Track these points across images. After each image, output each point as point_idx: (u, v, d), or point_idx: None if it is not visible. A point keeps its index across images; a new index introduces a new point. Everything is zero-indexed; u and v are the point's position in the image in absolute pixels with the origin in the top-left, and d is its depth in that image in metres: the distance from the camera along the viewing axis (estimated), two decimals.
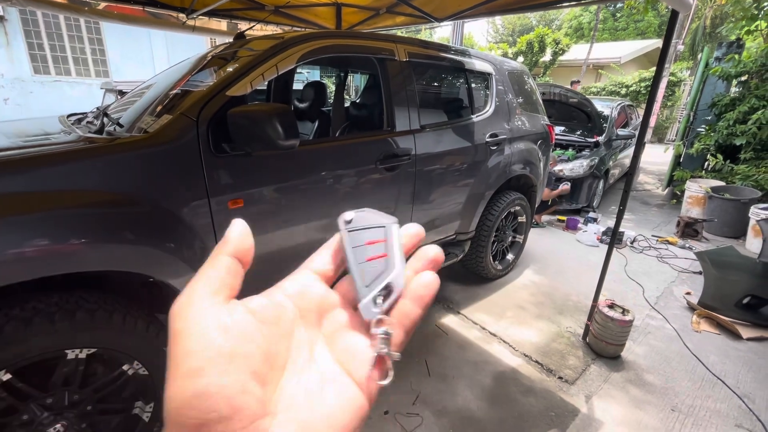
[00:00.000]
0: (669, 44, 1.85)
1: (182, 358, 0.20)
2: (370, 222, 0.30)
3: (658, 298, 3.09)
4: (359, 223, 0.30)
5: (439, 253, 0.29)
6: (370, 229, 0.29)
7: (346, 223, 0.30)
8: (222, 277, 0.24)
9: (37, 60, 7.54)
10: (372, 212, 0.31)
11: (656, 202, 6.01)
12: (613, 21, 24.35)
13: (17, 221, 1.10)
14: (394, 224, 0.30)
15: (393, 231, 0.29)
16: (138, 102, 1.89)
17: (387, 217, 0.30)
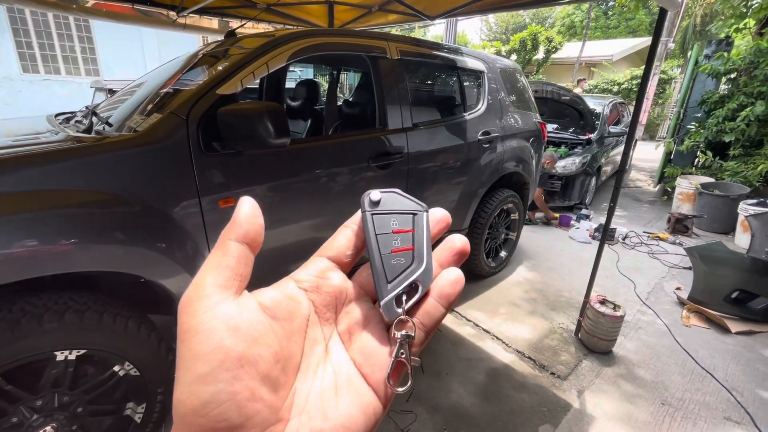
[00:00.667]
0: (658, 42, 1.87)
1: (191, 360, 0.19)
2: (398, 206, 0.27)
3: (649, 293, 3.12)
4: (387, 206, 0.27)
5: (466, 243, 0.27)
6: (398, 214, 0.26)
7: (371, 204, 0.26)
8: (232, 267, 0.22)
9: (26, 59, 7.43)
10: (401, 195, 0.27)
11: (648, 199, 6.07)
12: (605, 19, 24.53)
13: (5, 221, 1.09)
14: (425, 212, 0.27)
15: (423, 221, 0.27)
16: (128, 101, 1.87)
17: (416, 202, 0.27)
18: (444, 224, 0.28)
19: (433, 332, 0.26)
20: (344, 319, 0.25)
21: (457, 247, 0.27)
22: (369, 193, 0.27)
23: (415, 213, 0.27)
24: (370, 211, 0.26)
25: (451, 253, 0.27)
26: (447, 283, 0.25)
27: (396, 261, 0.25)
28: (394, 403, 1.89)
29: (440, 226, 0.28)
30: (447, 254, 0.27)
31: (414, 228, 0.26)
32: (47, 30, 7.49)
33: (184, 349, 0.20)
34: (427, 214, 0.27)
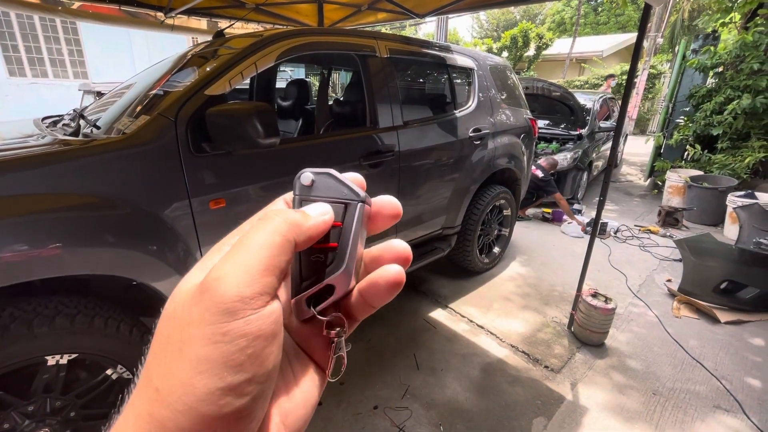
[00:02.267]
0: (642, 37, 1.89)
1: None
2: (331, 193, 0.24)
3: (640, 286, 3.16)
4: (318, 191, 0.24)
5: (406, 250, 0.26)
6: (329, 203, 0.24)
7: (302, 188, 0.24)
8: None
9: (12, 62, 7.33)
10: (336, 178, 0.24)
11: (639, 193, 6.13)
12: (595, 15, 24.71)
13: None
14: (360, 203, 0.24)
15: (355, 213, 0.24)
16: (116, 103, 1.86)
17: (352, 189, 0.24)
18: (391, 213, 0.26)
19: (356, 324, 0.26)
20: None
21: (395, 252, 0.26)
22: (301, 173, 0.24)
23: (348, 203, 0.24)
24: (299, 196, 0.24)
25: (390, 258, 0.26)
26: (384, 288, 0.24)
27: (315, 257, 0.23)
28: (390, 399, 1.91)
29: (386, 213, 0.26)
30: (387, 257, 0.26)
31: (342, 221, 0.24)
32: (33, 33, 7.39)
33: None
34: (362, 206, 0.24)
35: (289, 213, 0.22)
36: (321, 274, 0.23)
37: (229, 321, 0.18)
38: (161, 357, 0.19)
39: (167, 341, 0.19)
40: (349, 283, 0.23)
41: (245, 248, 0.20)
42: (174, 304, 0.20)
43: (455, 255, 3.01)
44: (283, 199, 0.26)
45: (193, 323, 0.18)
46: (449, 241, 2.82)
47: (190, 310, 0.18)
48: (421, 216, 2.48)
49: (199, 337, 0.18)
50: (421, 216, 2.48)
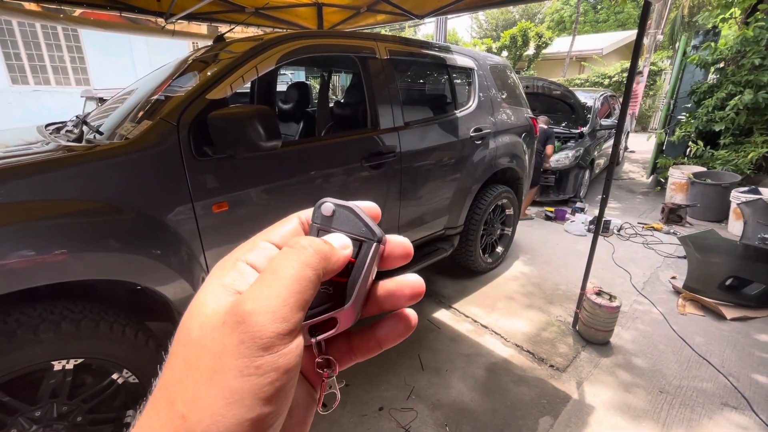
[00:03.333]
0: (642, 34, 1.89)
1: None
2: (349, 227, 0.24)
3: (644, 283, 3.15)
4: (337, 223, 0.24)
5: (419, 289, 0.26)
6: (345, 237, 0.24)
7: (322, 218, 0.25)
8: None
9: (15, 70, 7.39)
10: (357, 214, 0.25)
11: (641, 190, 6.11)
12: (594, 13, 24.69)
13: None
14: (375, 243, 0.24)
15: (370, 252, 0.24)
16: (118, 109, 1.87)
17: (371, 228, 0.24)
18: (402, 255, 0.26)
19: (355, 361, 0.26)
20: None
21: (408, 290, 0.25)
22: (323, 202, 0.25)
23: (364, 240, 0.24)
24: (318, 225, 0.25)
25: (403, 297, 0.25)
26: (391, 332, 0.25)
27: (324, 288, 0.23)
28: (395, 401, 1.90)
29: (397, 254, 0.26)
30: (399, 291, 0.25)
31: (356, 258, 0.24)
32: (35, 41, 7.45)
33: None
34: (377, 246, 0.24)
35: (318, 244, 0.22)
36: (327, 306, 0.23)
37: (263, 355, 0.18)
38: (187, 382, 0.18)
39: (194, 367, 0.19)
40: (352, 320, 0.24)
41: (279, 280, 0.20)
42: (200, 329, 0.20)
43: (458, 255, 3.01)
44: (298, 217, 0.26)
45: (227, 354, 0.18)
46: (452, 242, 2.82)
47: (223, 339, 0.18)
48: (423, 216, 2.48)
49: (232, 368, 0.18)
50: (423, 216, 2.48)
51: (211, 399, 0.18)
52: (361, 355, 0.26)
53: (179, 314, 1.46)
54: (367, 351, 0.26)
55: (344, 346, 0.26)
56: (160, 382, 0.20)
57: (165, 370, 0.20)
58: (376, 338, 0.26)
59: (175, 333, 0.21)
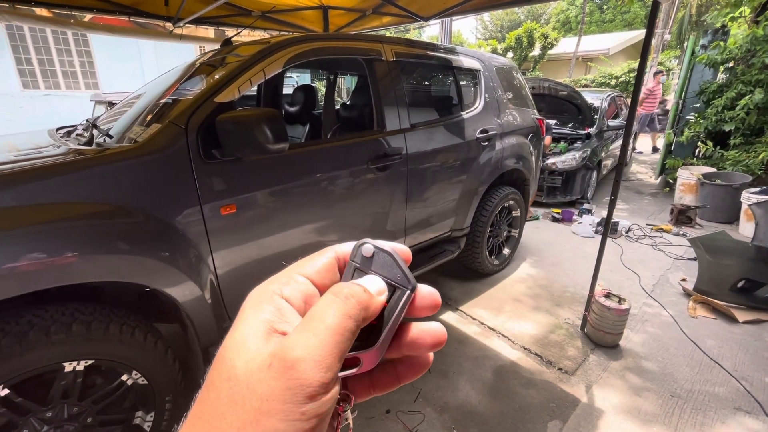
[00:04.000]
0: (651, 34, 1.88)
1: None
2: (385, 272, 0.25)
3: (654, 285, 3.11)
4: (375, 266, 0.25)
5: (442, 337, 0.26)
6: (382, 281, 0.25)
7: (362, 258, 0.25)
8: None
9: (26, 75, 7.52)
10: (395, 260, 0.25)
11: (650, 191, 6.05)
12: (600, 13, 24.56)
13: (10, 236, 1.11)
14: (408, 291, 0.25)
15: (402, 299, 0.25)
16: (127, 112, 1.89)
17: (407, 276, 0.25)
18: (431, 305, 0.26)
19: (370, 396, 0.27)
20: None
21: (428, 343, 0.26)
22: (364, 243, 0.26)
23: (397, 287, 0.25)
24: (356, 264, 0.25)
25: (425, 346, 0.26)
26: (410, 369, 0.27)
27: None
28: (402, 403, 1.90)
29: (426, 305, 0.26)
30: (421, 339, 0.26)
31: (388, 302, 0.25)
32: (46, 46, 7.58)
33: None
34: (410, 294, 0.25)
35: (360, 295, 0.23)
36: (353, 345, 0.23)
37: (308, 402, 0.19)
38: (231, 419, 0.19)
39: (240, 405, 0.19)
40: (375, 362, 0.24)
41: (323, 329, 0.21)
42: (245, 366, 0.20)
43: (465, 257, 2.99)
44: (334, 251, 0.27)
45: (274, 397, 0.19)
46: (458, 243, 2.81)
47: (271, 383, 0.19)
48: (429, 218, 2.47)
49: (277, 411, 0.19)
50: (429, 218, 2.47)
51: None
52: (380, 390, 0.27)
53: (187, 316, 1.46)
54: (386, 386, 0.27)
55: (365, 381, 0.27)
56: (199, 412, 0.21)
57: (205, 400, 0.21)
58: (396, 373, 0.27)
59: (214, 363, 0.22)
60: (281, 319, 0.22)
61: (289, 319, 0.23)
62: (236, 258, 1.61)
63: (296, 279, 0.25)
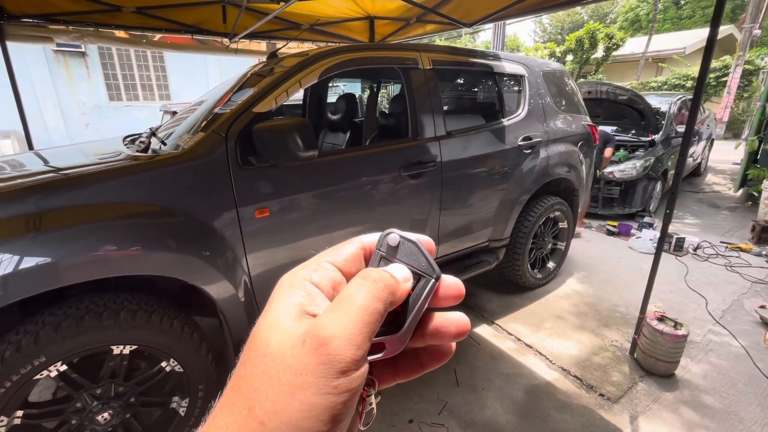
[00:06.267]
0: (716, 30, 1.69)
1: None
2: (411, 260, 0.26)
3: (724, 311, 2.77)
4: (401, 255, 0.26)
5: (466, 326, 0.27)
6: (407, 269, 0.25)
7: (388, 248, 0.26)
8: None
9: (112, 88, 8.56)
10: (420, 249, 0.26)
11: (727, 205, 5.40)
12: (676, 9, 22.48)
13: (93, 228, 1.29)
14: (433, 279, 0.25)
15: (427, 287, 0.25)
16: (184, 121, 2.08)
17: (431, 265, 0.26)
18: (456, 295, 0.27)
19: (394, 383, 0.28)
20: None
21: (452, 333, 0.26)
22: (390, 232, 0.26)
23: (422, 276, 0.25)
24: (382, 253, 0.26)
25: (448, 335, 0.26)
26: (434, 355, 0.27)
27: None
28: (426, 414, 1.86)
29: (451, 295, 0.27)
30: (445, 328, 0.26)
31: (413, 290, 0.25)
32: (129, 63, 8.57)
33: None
34: (434, 282, 0.25)
35: (387, 279, 0.24)
36: (379, 330, 0.24)
37: (339, 377, 0.20)
38: (267, 392, 0.20)
39: (276, 378, 0.20)
40: (399, 348, 0.25)
41: (354, 310, 0.22)
42: (279, 344, 0.21)
43: (504, 269, 2.88)
44: (360, 242, 0.28)
45: (308, 372, 0.20)
46: (497, 254, 2.71)
47: (304, 359, 0.20)
48: (465, 227, 2.42)
49: (311, 384, 0.20)
50: (465, 227, 2.42)
51: (291, 410, 0.20)
52: (404, 376, 0.28)
53: (221, 312, 1.57)
54: (410, 372, 0.28)
55: (389, 367, 0.27)
56: (236, 386, 0.22)
57: (240, 376, 0.22)
58: (419, 360, 0.28)
59: (249, 342, 0.23)
60: (312, 302, 0.23)
61: (318, 302, 0.24)
62: (268, 260, 1.69)
63: (325, 266, 0.26)
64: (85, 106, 8.33)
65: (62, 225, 1.26)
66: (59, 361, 1.26)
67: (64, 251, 1.23)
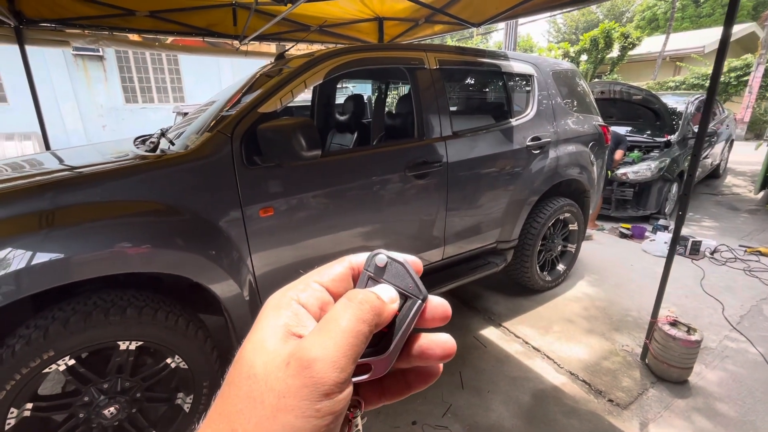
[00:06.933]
0: (730, 28, 1.65)
1: None
2: (398, 282, 0.26)
3: (742, 317, 2.68)
4: (388, 276, 0.26)
5: (452, 349, 0.27)
6: (394, 290, 0.26)
7: (375, 268, 0.26)
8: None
9: (128, 91, 8.78)
10: (407, 271, 0.26)
11: (747, 208, 5.24)
12: (695, 8, 21.95)
13: (107, 225, 1.33)
14: (419, 301, 0.26)
15: (413, 309, 0.25)
16: (193, 122, 2.11)
17: (418, 286, 0.26)
18: (442, 316, 0.27)
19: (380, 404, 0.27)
20: None
21: (438, 355, 0.26)
22: (377, 253, 0.27)
23: (409, 297, 0.26)
24: (369, 273, 0.26)
25: (434, 357, 0.26)
26: (420, 376, 0.27)
27: None
28: (430, 416, 1.85)
29: (437, 317, 0.27)
30: (431, 350, 0.26)
31: (399, 311, 0.25)
32: (144, 65, 8.79)
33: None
34: (421, 303, 0.26)
35: (373, 301, 0.24)
36: (366, 351, 0.24)
37: (322, 400, 0.20)
38: (250, 415, 0.20)
39: (258, 401, 0.20)
40: (386, 369, 0.25)
41: (339, 332, 0.22)
42: (264, 366, 0.21)
43: (512, 271, 2.85)
44: (349, 261, 0.28)
45: (291, 394, 0.20)
46: (505, 256, 2.68)
47: (288, 381, 0.20)
48: (471, 228, 2.40)
49: (294, 407, 0.20)
50: (471, 228, 2.40)
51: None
52: (390, 397, 0.28)
53: (226, 310, 1.58)
54: (397, 393, 0.28)
55: (375, 388, 0.27)
56: (221, 408, 0.22)
57: (225, 397, 0.22)
58: (406, 380, 0.28)
59: (234, 362, 0.23)
60: (298, 323, 0.23)
61: (305, 323, 0.24)
62: (273, 259, 1.70)
63: (312, 286, 0.26)
64: (102, 108, 8.57)
65: (75, 222, 1.29)
66: (67, 356, 1.29)
67: (77, 247, 1.26)
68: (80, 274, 1.27)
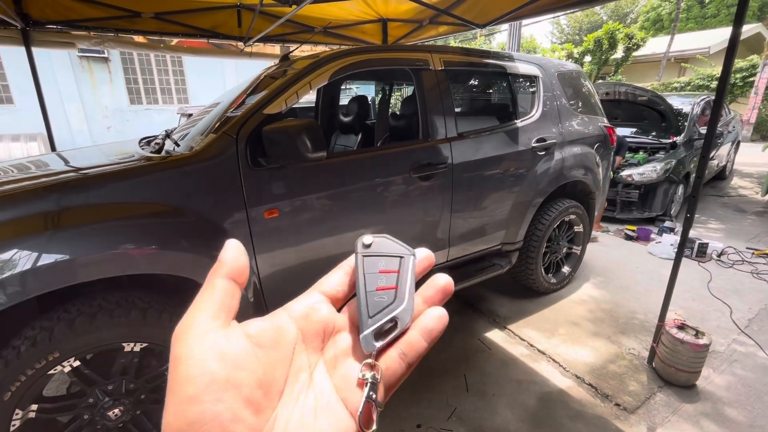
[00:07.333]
0: (740, 27, 1.63)
1: (180, 383, 0.21)
2: (387, 250, 0.29)
3: (750, 320, 2.65)
4: (377, 249, 0.29)
5: (449, 282, 0.29)
6: (385, 257, 0.29)
7: (363, 246, 0.29)
8: (220, 300, 0.24)
9: (133, 92, 8.83)
10: (392, 240, 0.30)
11: (754, 210, 5.20)
12: (701, 8, 21.84)
13: (108, 227, 1.32)
14: (411, 256, 0.29)
15: (408, 264, 0.28)
16: (198, 123, 2.11)
17: (406, 247, 0.29)
18: (427, 263, 0.30)
19: (415, 365, 0.26)
20: (331, 348, 0.27)
21: (440, 285, 0.28)
22: (362, 237, 0.30)
23: (402, 256, 0.29)
24: (361, 253, 0.29)
25: (435, 291, 0.28)
26: (430, 319, 0.27)
27: (379, 298, 0.27)
28: (435, 420, 1.84)
29: (423, 265, 0.30)
30: (432, 291, 0.28)
31: (399, 269, 0.28)
32: (149, 67, 8.84)
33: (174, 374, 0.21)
34: (414, 258, 0.29)
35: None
36: (385, 311, 0.26)
37: None
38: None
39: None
40: (409, 318, 0.26)
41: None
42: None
43: (517, 273, 2.83)
44: (345, 264, 0.30)
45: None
46: (509, 258, 2.66)
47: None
48: (476, 230, 2.38)
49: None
50: (476, 230, 2.38)
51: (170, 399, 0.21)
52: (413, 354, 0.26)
53: None
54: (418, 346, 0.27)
55: (395, 355, 0.26)
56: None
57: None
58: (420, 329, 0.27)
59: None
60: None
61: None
62: (278, 261, 1.70)
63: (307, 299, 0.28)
64: (107, 110, 8.62)
65: (80, 223, 1.29)
66: (72, 357, 1.29)
67: (83, 249, 1.26)
68: (86, 275, 1.27)
